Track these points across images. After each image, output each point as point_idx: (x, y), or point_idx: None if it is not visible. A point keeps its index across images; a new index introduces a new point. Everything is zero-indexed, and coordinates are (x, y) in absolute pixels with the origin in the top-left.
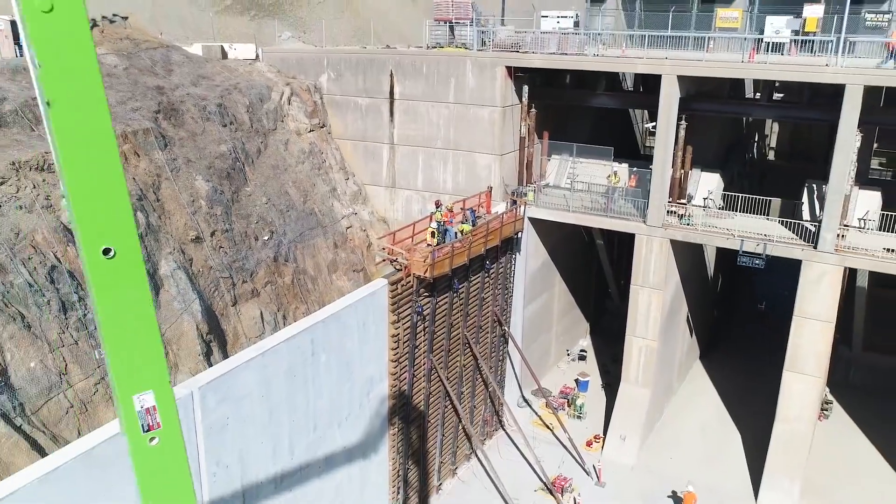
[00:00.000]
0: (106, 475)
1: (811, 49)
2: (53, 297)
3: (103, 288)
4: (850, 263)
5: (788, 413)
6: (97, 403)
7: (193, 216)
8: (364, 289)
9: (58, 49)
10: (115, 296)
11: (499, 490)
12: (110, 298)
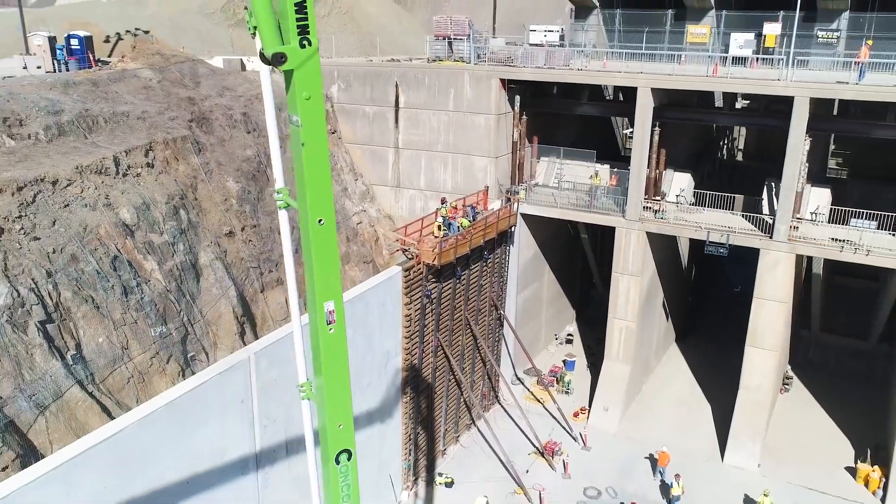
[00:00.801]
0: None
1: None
2: (116, 282)
3: (318, 242)
4: (801, 251)
5: (750, 382)
6: (152, 375)
7: (226, 213)
8: (382, 274)
9: (309, 116)
10: (322, 247)
11: (497, 454)
12: (320, 249)
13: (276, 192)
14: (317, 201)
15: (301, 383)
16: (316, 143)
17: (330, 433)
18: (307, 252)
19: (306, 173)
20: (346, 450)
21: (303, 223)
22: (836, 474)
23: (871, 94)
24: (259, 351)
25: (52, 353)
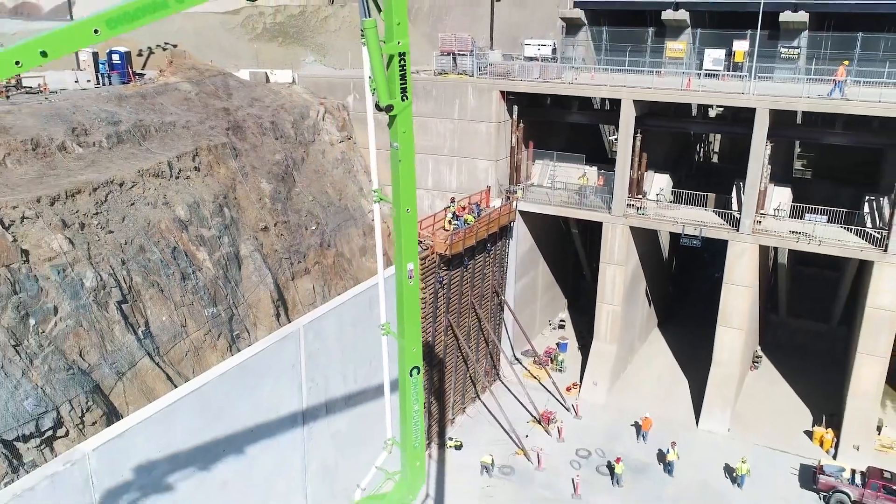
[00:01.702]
0: (256, 378)
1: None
2: (176, 269)
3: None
4: (763, 242)
5: (721, 358)
6: (205, 350)
7: (261, 210)
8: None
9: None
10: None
11: (499, 422)
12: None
13: (374, 190)
14: (406, 197)
15: (382, 323)
16: (407, 159)
17: (407, 355)
18: (397, 230)
19: (401, 180)
20: (416, 367)
21: (395, 211)
22: (795, 437)
23: (820, 107)
24: (307, 324)
25: (127, 329)
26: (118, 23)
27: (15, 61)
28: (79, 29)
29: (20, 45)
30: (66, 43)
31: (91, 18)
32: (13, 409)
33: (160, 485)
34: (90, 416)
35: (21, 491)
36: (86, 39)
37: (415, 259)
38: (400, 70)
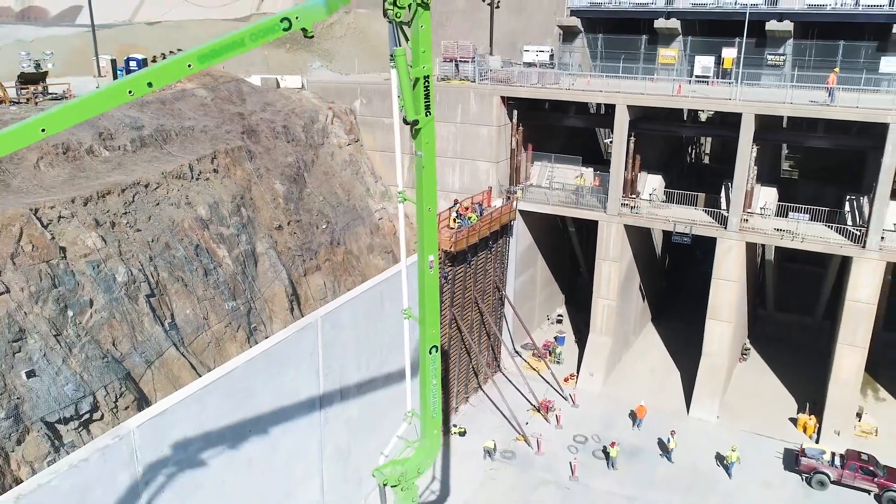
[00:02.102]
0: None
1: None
2: (198, 265)
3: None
4: (750, 239)
5: (711, 349)
6: (225, 341)
7: (275, 210)
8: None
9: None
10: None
11: (501, 410)
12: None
13: (400, 192)
14: (429, 198)
15: (404, 308)
16: (430, 166)
17: (427, 335)
18: (420, 226)
19: (424, 183)
20: (435, 346)
21: (419, 210)
22: (780, 424)
23: (803, 112)
24: (324, 315)
25: (155, 321)
26: (206, 59)
27: (128, 90)
28: (177, 64)
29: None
30: (167, 75)
31: (185, 56)
32: (55, 394)
33: (194, 460)
34: (123, 401)
35: (77, 461)
36: (182, 72)
37: (434, 251)
38: (424, 90)
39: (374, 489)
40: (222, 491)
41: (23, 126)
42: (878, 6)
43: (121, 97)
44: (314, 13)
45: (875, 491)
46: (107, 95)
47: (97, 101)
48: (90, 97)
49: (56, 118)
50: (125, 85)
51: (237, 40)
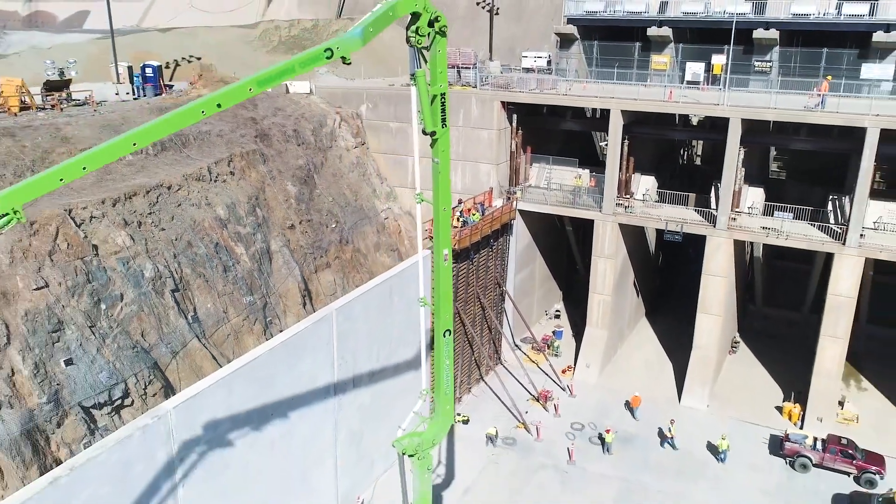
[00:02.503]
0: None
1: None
2: (218, 262)
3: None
4: (737, 237)
5: (701, 341)
6: (243, 333)
7: (287, 210)
8: (417, 255)
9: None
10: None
11: (502, 400)
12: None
13: (417, 194)
14: (444, 199)
15: (420, 297)
16: (445, 171)
17: (441, 320)
18: (436, 224)
19: (440, 186)
20: (448, 329)
21: (435, 209)
22: (767, 412)
23: (787, 116)
24: (339, 308)
25: (179, 314)
26: (264, 83)
27: (201, 111)
28: (240, 88)
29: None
30: (232, 97)
31: (247, 81)
32: (91, 381)
33: (223, 441)
34: (151, 388)
35: (122, 438)
36: (244, 95)
37: (448, 246)
38: (441, 106)
39: (384, 473)
40: (247, 471)
41: (117, 141)
42: (859, 16)
43: (196, 116)
44: (352, 44)
45: (854, 473)
46: (185, 114)
47: (178, 119)
48: (172, 116)
49: (144, 135)
50: (199, 106)
51: (289, 67)
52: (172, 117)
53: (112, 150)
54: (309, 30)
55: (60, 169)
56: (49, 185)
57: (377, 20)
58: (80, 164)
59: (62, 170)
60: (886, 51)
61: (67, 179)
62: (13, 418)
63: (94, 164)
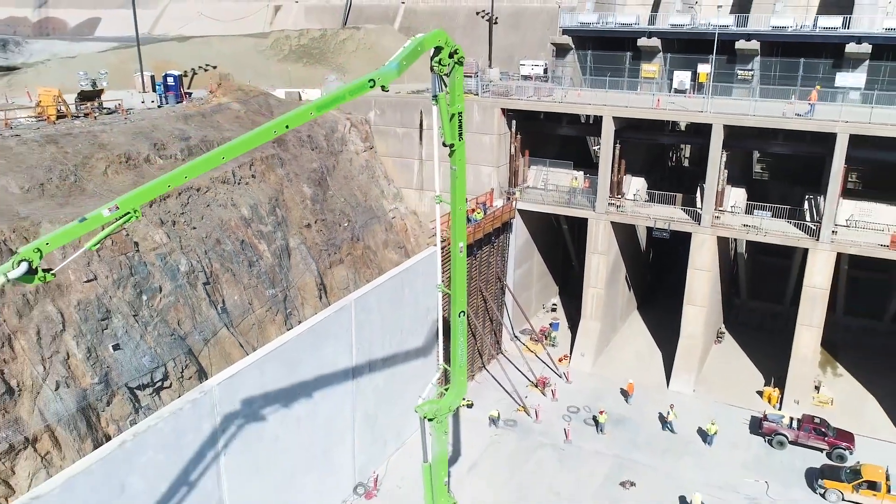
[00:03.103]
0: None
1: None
2: (244, 258)
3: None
4: (721, 234)
5: (687, 330)
6: (266, 323)
7: (304, 210)
8: (425, 251)
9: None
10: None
11: (503, 386)
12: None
13: (437, 196)
14: (459, 200)
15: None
16: (461, 176)
17: (457, 302)
18: (454, 221)
19: (457, 189)
20: (462, 311)
21: (452, 208)
22: (748, 395)
23: (764, 122)
24: (357, 299)
25: (210, 305)
26: (321, 108)
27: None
28: (303, 112)
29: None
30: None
31: (308, 107)
32: (135, 364)
33: (257, 415)
34: (187, 371)
35: (175, 409)
36: (306, 117)
37: (464, 239)
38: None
39: (395, 452)
40: (276, 445)
41: (209, 156)
42: (833, 28)
43: (269, 135)
44: (390, 75)
45: (826, 449)
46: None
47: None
48: (250, 136)
49: (229, 150)
50: (271, 127)
51: (341, 95)
52: (251, 136)
53: (206, 163)
54: (317, 39)
55: (167, 178)
56: (158, 190)
57: (409, 54)
58: (182, 174)
59: (168, 178)
60: (858, 61)
61: (173, 185)
62: (70, 397)
63: (193, 173)
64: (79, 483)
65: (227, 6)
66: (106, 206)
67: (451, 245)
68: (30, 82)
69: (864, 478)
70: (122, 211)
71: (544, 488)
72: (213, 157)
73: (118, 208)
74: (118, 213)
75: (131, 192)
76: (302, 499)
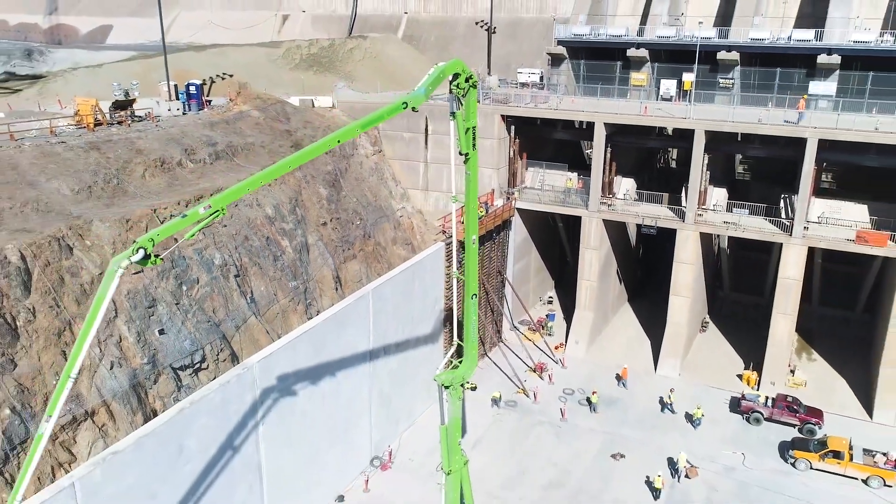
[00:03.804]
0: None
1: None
2: (269, 253)
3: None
4: (703, 230)
5: (673, 319)
6: (289, 313)
7: (321, 210)
8: (433, 247)
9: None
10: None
11: (504, 371)
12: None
13: (453, 196)
14: (473, 200)
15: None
16: (474, 180)
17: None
18: (468, 217)
19: (470, 190)
20: (474, 293)
21: (467, 207)
22: (729, 378)
23: (740, 128)
24: (374, 289)
25: (241, 295)
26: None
27: (327, 147)
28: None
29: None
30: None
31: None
32: (178, 347)
33: (290, 391)
34: (222, 355)
35: (224, 381)
36: (353, 134)
37: (476, 232)
38: (472, 135)
39: (407, 429)
40: (304, 418)
41: (277, 166)
42: (806, 40)
43: (322, 150)
44: (419, 99)
45: (797, 424)
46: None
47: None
48: (306, 151)
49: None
50: (325, 143)
51: (380, 115)
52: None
53: (276, 171)
54: (326, 48)
55: (246, 184)
56: (240, 193)
57: (433, 81)
58: (258, 180)
59: (247, 184)
60: (829, 70)
61: (251, 190)
62: (123, 375)
63: (267, 179)
64: (147, 442)
65: (236, 16)
66: (201, 205)
67: (466, 237)
68: (59, 91)
69: (829, 448)
70: (213, 209)
71: (543, 460)
72: (282, 166)
73: (210, 207)
74: (210, 211)
75: (220, 194)
76: (327, 470)
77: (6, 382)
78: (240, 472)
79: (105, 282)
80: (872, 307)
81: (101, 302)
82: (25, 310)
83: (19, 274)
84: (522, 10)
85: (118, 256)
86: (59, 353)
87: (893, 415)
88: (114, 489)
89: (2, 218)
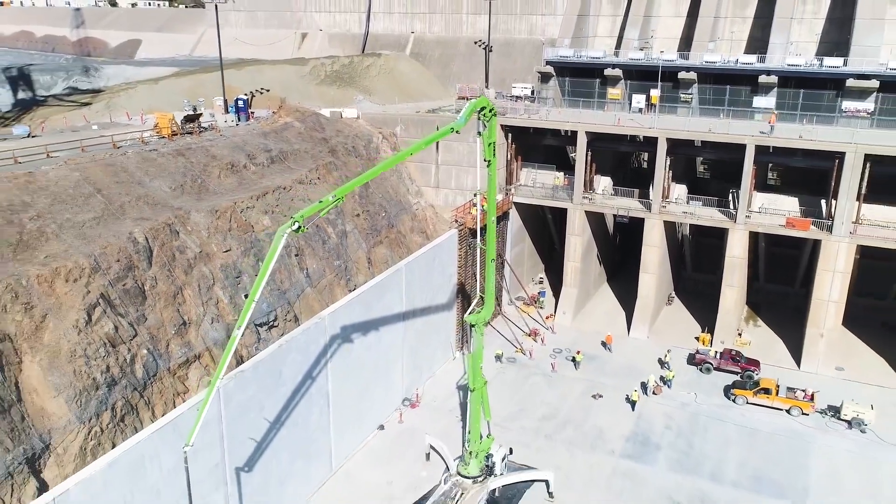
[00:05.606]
0: (384, 291)
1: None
2: (318, 238)
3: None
4: (665, 218)
5: (642, 292)
6: (334, 286)
7: (354, 204)
8: (448, 233)
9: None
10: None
11: (504, 336)
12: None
13: (475, 193)
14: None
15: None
16: (493, 179)
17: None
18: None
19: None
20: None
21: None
22: (688, 340)
23: (694, 136)
24: (406, 264)
25: (300, 270)
26: (425, 145)
27: (402, 158)
28: (415, 148)
29: (402, 153)
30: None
31: (418, 144)
32: (258, 309)
33: (348, 339)
34: (289, 316)
35: (307, 327)
36: (420, 149)
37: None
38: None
39: (428, 379)
40: (357, 361)
41: (373, 171)
42: (750, 63)
43: (398, 160)
44: (461, 125)
45: (739, 371)
46: (397, 158)
47: (394, 160)
48: (391, 160)
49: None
50: (400, 156)
51: (433, 138)
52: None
53: (372, 174)
54: (346, 65)
55: (352, 183)
56: (349, 189)
57: (469, 112)
58: (361, 179)
59: (353, 184)
60: (769, 87)
61: (358, 185)
62: (220, 328)
63: (364, 180)
64: (262, 365)
65: (259, 33)
66: (331, 195)
67: (487, 217)
68: (124, 104)
69: (761, 386)
70: (337, 198)
71: (537, 401)
72: (375, 171)
73: (335, 196)
74: (335, 199)
75: (342, 187)
76: (372, 404)
77: (141, 332)
78: (315, 397)
79: (275, 242)
80: (807, 283)
81: (273, 254)
82: (150, 278)
83: (145, 251)
84: (515, 31)
85: (283, 227)
86: (174, 311)
87: (815, 364)
88: (241, 397)
89: (125, 209)
